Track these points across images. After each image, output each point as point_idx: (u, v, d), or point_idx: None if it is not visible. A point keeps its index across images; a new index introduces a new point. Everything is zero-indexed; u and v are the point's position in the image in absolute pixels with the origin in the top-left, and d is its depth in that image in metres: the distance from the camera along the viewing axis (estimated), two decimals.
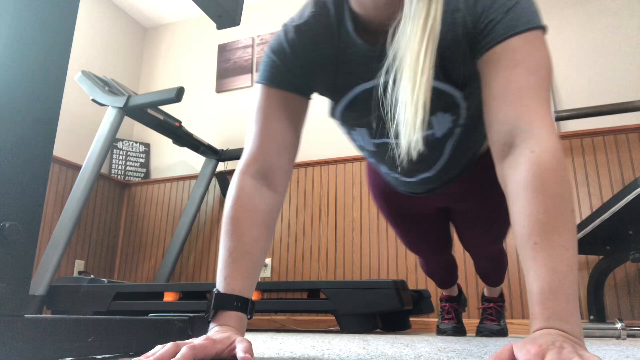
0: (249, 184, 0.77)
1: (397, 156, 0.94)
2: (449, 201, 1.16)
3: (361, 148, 0.99)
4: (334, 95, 0.86)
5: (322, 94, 0.88)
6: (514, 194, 0.61)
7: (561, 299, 0.53)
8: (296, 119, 0.82)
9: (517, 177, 0.61)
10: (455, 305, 1.83)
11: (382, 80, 0.76)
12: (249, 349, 0.59)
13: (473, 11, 0.69)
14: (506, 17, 0.66)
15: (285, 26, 0.82)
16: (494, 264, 1.47)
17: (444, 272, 1.56)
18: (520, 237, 0.59)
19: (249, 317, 0.71)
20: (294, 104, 0.81)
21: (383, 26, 0.74)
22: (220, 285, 0.71)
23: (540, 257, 0.56)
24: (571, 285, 0.54)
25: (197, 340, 0.59)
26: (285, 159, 0.80)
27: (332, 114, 0.92)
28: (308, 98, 0.84)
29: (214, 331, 0.65)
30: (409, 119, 0.66)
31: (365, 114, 0.86)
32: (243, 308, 0.70)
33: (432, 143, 0.92)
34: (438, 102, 0.80)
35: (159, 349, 0.57)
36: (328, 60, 0.81)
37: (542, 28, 0.67)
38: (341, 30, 0.79)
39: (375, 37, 0.77)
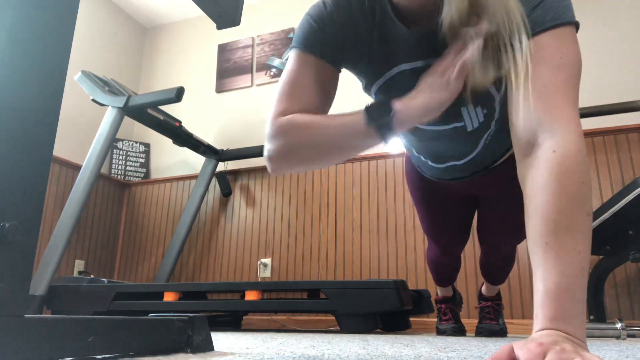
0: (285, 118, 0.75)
1: (428, 140, 0.95)
2: (476, 190, 1.17)
3: None
4: (367, 74, 0.86)
5: (355, 71, 0.87)
6: (531, 193, 0.60)
7: (566, 300, 0.53)
8: (327, 90, 0.81)
9: (536, 177, 0.60)
10: (452, 305, 1.83)
11: (426, 62, 0.76)
12: None
13: None
14: (534, 14, 0.66)
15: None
16: (503, 263, 1.48)
17: (450, 268, 1.57)
18: (532, 237, 0.58)
19: None
20: (327, 74, 0.80)
21: (422, 9, 0.74)
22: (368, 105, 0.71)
23: (549, 258, 0.55)
24: (579, 288, 0.53)
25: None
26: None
27: (367, 91, 0.91)
28: (339, 71, 0.83)
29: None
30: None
31: (399, 95, 0.86)
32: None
33: (463, 135, 0.92)
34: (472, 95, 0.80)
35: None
36: (365, 39, 0.80)
37: (573, 24, 0.66)
38: (377, 11, 0.79)
39: (413, 20, 0.77)
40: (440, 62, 0.71)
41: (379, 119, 0.69)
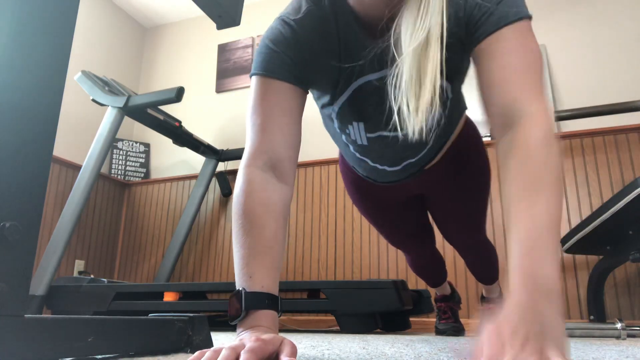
0: (258, 177, 0.73)
1: (388, 147, 0.96)
2: (423, 187, 1.18)
3: (352, 143, 0.99)
4: (334, 89, 0.85)
5: (320, 89, 0.87)
6: (504, 165, 0.65)
7: (540, 251, 0.55)
8: (297, 112, 0.79)
9: (509, 151, 0.65)
10: (451, 304, 1.83)
11: (389, 71, 0.77)
12: (294, 353, 0.57)
13: (465, 5, 0.73)
14: (497, 9, 0.71)
15: (282, 19, 0.80)
16: (481, 257, 1.45)
17: (432, 268, 1.56)
18: (506, 202, 0.62)
19: (279, 314, 0.68)
20: (295, 96, 0.79)
21: (383, 19, 0.75)
22: (245, 284, 0.67)
23: (521, 215, 0.58)
24: (552, 238, 0.56)
25: (249, 343, 0.56)
26: (292, 150, 0.78)
27: (328, 112, 0.91)
28: (306, 92, 0.83)
29: (250, 333, 0.61)
30: (420, 105, 0.69)
31: (365, 107, 0.86)
32: (274, 305, 0.67)
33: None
34: None
35: (211, 354, 0.54)
36: (330, 52, 0.80)
37: (530, 17, 0.72)
38: (340, 24, 0.79)
39: (375, 30, 0.77)
40: None
41: (234, 316, 0.67)
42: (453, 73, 0.81)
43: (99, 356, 0.66)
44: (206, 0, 0.93)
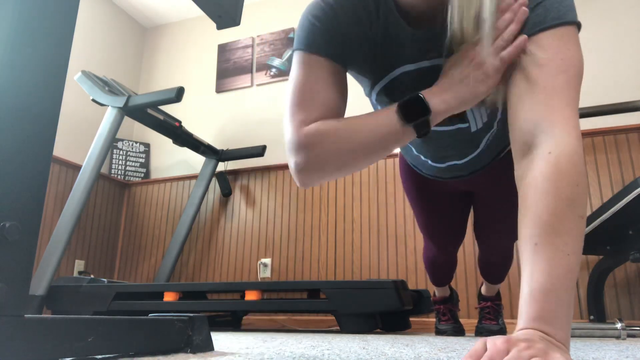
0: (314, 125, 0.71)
1: (431, 140, 0.94)
2: (472, 187, 1.18)
3: None
4: (371, 75, 0.84)
5: (358, 72, 0.85)
6: (524, 193, 0.60)
7: (551, 301, 0.52)
8: (341, 90, 0.76)
9: (530, 178, 0.59)
10: (450, 305, 1.83)
11: (431, 62, 0.76)
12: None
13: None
14: (535, 12, 0.65)
15: None
16: (502, 261, 1.48)
17: (446, 267, 1.57)
18: (523, 237, 0.58)
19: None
20: (337, 73, 0.76)
21: (425, 9, 0.73)
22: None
23: (537, 259, 0.54)
24: (566, 290, 0.52)
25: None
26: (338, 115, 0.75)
27: (368, 94, 0.90)
28: (346, 69, 0.81)
29: None
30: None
31: (403, 96, 0.86)
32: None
33: (467, 135, 0.92)
34: None
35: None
36: (369, 38, 0.78)
37: (575, 24, 0.65)
38: (381, 10, 0.77)
39: (418, 20, 0.75)
40: (471, 52, 0.68)
41: (416, 118, 0.67)
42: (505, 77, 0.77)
43: (99, 356, 0.66)
44: (206, 0, 0.93)
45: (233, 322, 2.58)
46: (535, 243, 0.55)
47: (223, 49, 3.50)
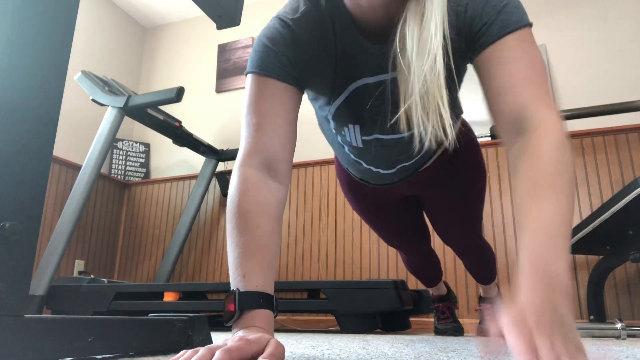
0: (253, 176, 0.73)
1: (383, 150, 0.95)
2: (417, 188, 1.18)
3: (347, 145, 0.99)
4: (331, 91, 0.85)
5: (317, 90, 0.86)
6: (516, 170, 0.65)
7: (551, 248, 0.55)
8: (292, 112, 0.78)
9: (521, 157, 0.65)
10: (448, 304, 1.82)
11: (389, 76, 0.77)
12: (275, 355, 0.55)
13: (464, 16, 0.73)
14: (498, 19, 0.71)
15: (279, 18, 0.79)
16: (478, 257, 1.45)
17: (427, 267, 1.56)
18: (518, 202, 0.62)
19: (275, 314, 0.67)
20: (290, 96, 0.78)
21: (381, 23, 0.75)
22: (239, 284, 0.67)
23: (532, 214, 0.58)
24: (562, 237, 0.56)
25: (230, 342, 0.55)
26: (287, 151, 0.77)
27: (324, 114, 0.91)
28: (302, 92, 0.82)
29: (242, 333, 0.61)
30: (433, 107, 0.70)
31: (361, 109, 0.86)
32: (269, 305, 0.66)
33: (415, 139, 0.92)
34: None
35: (190, 354, 0.53)
36: (329, 55, 0.80)
37: (530, 25, 0.72)
38: (337, 26, 0.78)
39: (375, 34, 0.77)
40: None
41: (228, 317, 0.66)
42: (451, 81, 0.81)
43: (99, 356, 0.66)
44: (206, 0, 0.93)
45: None
46: (530, 196, 0.61)
47: (223, 49, 3.50)
